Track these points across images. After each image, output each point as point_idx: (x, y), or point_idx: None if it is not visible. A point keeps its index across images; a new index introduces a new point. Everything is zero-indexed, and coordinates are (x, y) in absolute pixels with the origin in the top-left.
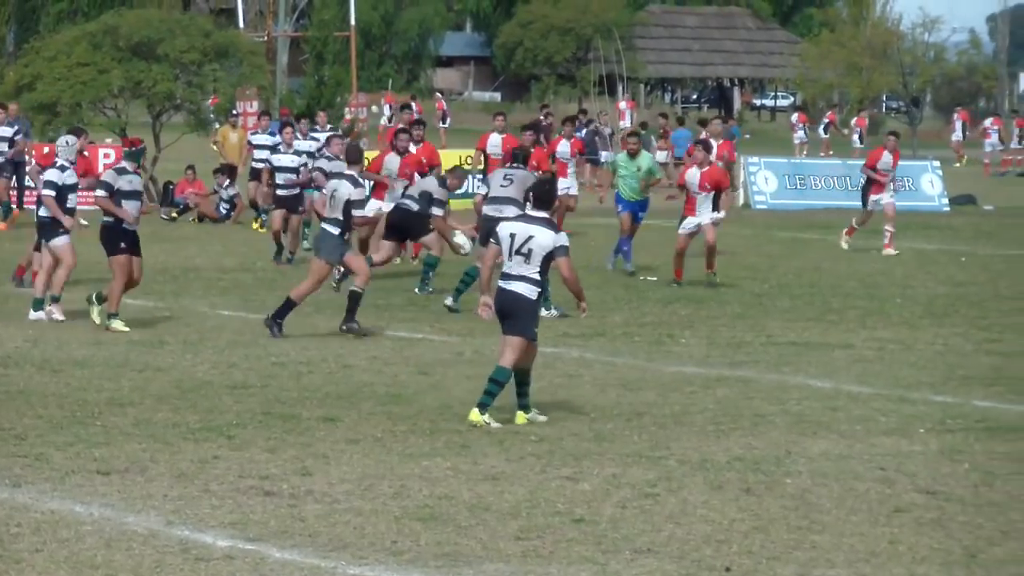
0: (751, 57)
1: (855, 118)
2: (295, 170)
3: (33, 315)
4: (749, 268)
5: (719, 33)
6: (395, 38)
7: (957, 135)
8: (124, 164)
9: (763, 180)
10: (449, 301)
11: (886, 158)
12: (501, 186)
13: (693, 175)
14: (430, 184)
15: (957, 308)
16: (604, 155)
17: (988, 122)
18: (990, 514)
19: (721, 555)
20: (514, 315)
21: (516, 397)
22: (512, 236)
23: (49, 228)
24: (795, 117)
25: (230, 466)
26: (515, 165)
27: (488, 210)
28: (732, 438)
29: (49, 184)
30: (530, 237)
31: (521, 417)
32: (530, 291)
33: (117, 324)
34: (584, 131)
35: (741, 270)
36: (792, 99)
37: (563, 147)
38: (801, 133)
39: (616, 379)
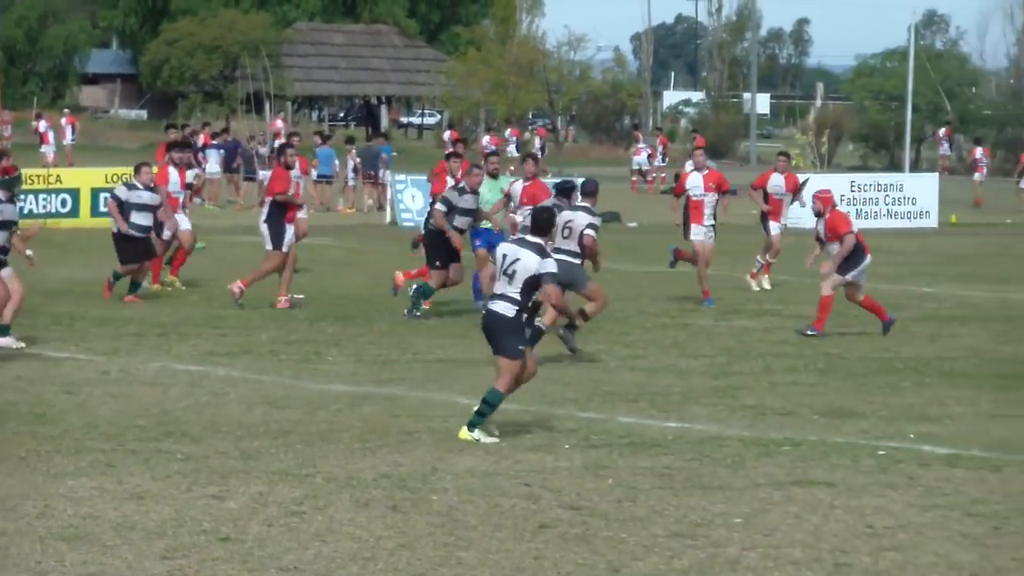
0: (398, 75)
1: (488, 136)
2: None
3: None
4: None
5: (366, 51)
6: (40, 55)
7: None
8: None
9: (410, 198)
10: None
11: (776, 179)
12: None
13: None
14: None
15: (602, 324)
16: (261, 174)
17: (642, 144)
18: (633, 529)
19: (367, 572)
20: (494, 336)
21: (474, 412)
22: (504, 257)
23: None
24: (447, 134)
25: None
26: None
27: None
28: (379, 455)
29: None
30: (517, 259)
31: (465, 433)
32: (507, 309)
33: None
34: (224, 150)
35: (387, 288)
36: (439, 117)
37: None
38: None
39: (263, 397)
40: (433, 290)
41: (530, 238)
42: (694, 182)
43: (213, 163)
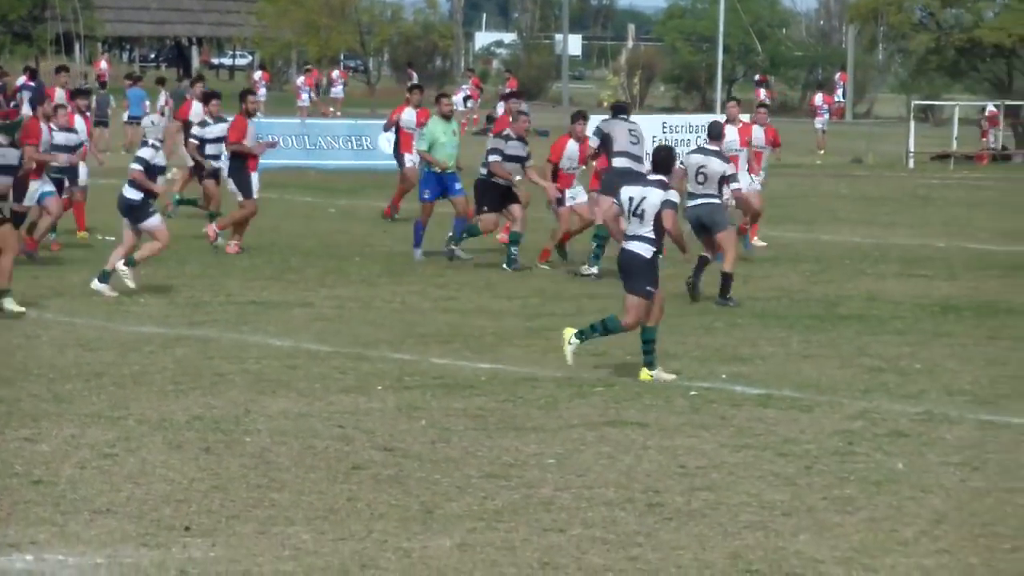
0: (209, 15)
1: (303, 77)
2: None
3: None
4: None
5: None
6: None
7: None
8: None
9: None
10: (593, 270)
11: (757, 133)
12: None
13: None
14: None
15: (415, 267)
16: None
17: (467, 85)
18: (447, 470)
19: (180, 514)
20: (630, 274)
21: (643, 355)
22: (630, 200)
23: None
24: (258, 75)
25: None
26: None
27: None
28: (191, 397)
29: (139, 160)
30: (643, 198)
31: (645, 374)
32: (645, 250)
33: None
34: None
35: (199, 229)
36: (250, 58)
37: (408, 115)
38: (263, 91)
39: (75, 339)
40: (479, 231)
41: (652, 176)
42: (731, 136)
43: (26, 106)
